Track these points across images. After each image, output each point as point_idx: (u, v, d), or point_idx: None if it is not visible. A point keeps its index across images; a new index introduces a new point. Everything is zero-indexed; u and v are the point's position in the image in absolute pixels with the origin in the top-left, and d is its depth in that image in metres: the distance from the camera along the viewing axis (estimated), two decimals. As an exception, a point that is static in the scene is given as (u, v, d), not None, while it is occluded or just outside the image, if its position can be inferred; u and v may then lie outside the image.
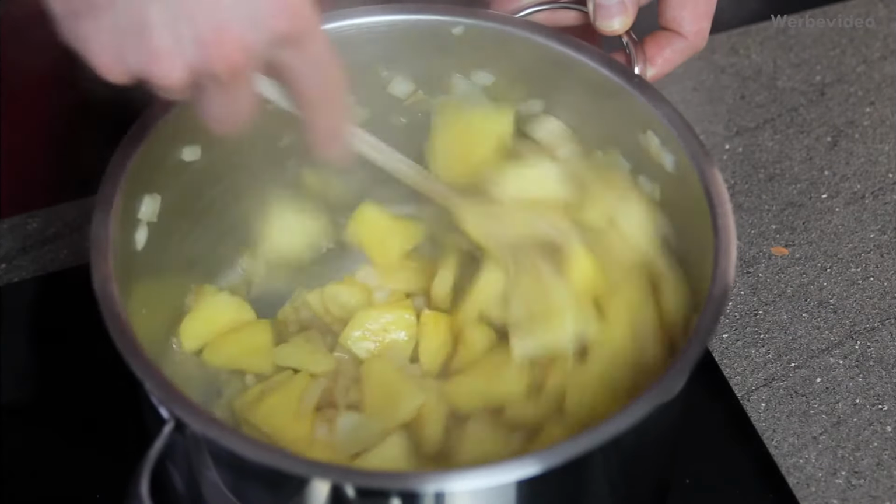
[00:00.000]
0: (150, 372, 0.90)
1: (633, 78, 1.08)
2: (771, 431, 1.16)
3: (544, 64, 1.10)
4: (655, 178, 1.09)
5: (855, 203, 1.33)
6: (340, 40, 1.11)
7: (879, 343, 1.22)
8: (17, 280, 1.27)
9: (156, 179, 1.05)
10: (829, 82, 1.43)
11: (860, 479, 1.13)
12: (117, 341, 0.92)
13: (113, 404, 1.15)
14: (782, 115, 1.40)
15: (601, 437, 0.88)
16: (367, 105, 1.16)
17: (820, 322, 1.24)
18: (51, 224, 1.31)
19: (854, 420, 1.17)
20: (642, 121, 1.07)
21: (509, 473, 0.87)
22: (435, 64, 1.13)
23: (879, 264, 1.28)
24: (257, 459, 0.87)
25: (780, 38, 1.47)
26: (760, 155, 1.37)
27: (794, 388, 1.19)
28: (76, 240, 1.30)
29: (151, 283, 1.06)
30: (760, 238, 1.30)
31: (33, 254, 1.29)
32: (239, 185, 1.15)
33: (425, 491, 0.87)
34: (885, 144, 1.37)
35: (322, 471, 0.88)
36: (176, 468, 0.94)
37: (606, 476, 0.96)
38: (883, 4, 1.50)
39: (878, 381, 1.19)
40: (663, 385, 0.91)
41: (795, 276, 1.27)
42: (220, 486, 0.92)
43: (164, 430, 0.89)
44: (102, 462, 1.14)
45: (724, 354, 1.22)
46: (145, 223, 1.05)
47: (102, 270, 0.96)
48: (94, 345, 0.97)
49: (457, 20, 1.11)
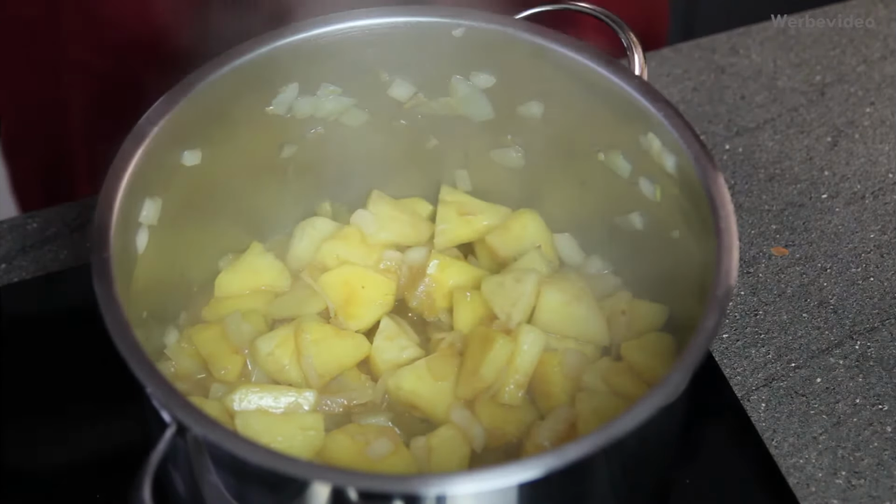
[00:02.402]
0: (151, 375, 0.90)
1: (633, 79, 1.08)
2: (771, 431, 1.17)
3: (544, 65, 1.10)
4: (656, 180, 1.09)
5: (855, 203, 1.33)
6: (341, 42, 1.11)
7: (879, 343, 1.22)
8: (17, 280, 1.27)
9: (157, 183, 1.05)
10: (829, 82, 1.43)
11: (860, 479, 1.14)
12: (119, 345, 0.92)
13: (113, 405, 1.15)
14: (782, 115, 1.40)
15: (603, 439, 0.88)
16: (368, 108, 1.16)
17: (820, 322, 1.24)
18: (51, 224, 1.31)
19: (854, 420, 1.17)
20: (643, 122, 1.07)
21: (511, 477, 0.87)
22: (435, 66, 1.13)
23: (879, 264, 1.28)
24: (259, 463, 0.87)
25: (780, 38, 1.47)
26: (760, 155, 1.37)
27: (794, 388, 1.19)
28: (76, 240, 1.29)
29: (152, 285, 1.06)
30: (760, 238, 1.30)
31: (33, 254, 1.29)
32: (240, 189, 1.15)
33: (427, 494, 0.87)
34: (885, 144, 1.37)
35: (323, 474, 0.88)
36: (177, 471, 0.94)
37: (608, 478, 0.96)
38: (883, 4, 1.50)
39: (878, 381, 1.20)
40: (666, 387, 0.91)
41: (795, 276, 1.27)
42: (221, 489, 0.92)
43: (165, 434, 0.89)
44: (102, 462, 1.14)
45: (724, 354, 1.22)
46: (146, 226, 1.05)
47: (103, 273, 0.96)
48: (95, 345, 0.97)
49: (457, 22, 1.11)
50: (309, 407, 1.08)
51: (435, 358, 1.11)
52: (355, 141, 1.18)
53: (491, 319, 1.13)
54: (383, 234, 1.18)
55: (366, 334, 1.14)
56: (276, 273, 1.17)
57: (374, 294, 1.15)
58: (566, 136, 1.14)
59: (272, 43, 1.09)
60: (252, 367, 1.11)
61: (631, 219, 1.14)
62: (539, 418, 1.08)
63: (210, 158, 1.10)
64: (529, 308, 1.12)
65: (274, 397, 1.07)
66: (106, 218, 0.99)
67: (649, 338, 1.11)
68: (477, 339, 1.11)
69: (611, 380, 1.08)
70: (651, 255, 1.13)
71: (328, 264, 1.17)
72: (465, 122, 1.17)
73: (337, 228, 1.18)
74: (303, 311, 1.14)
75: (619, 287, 1.17)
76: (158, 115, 1.04)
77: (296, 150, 1.17)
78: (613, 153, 1.12)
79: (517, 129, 1.17)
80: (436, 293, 1.16)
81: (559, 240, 1.20)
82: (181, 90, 1.05)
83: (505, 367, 1.08)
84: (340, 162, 1.20)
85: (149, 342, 1.07)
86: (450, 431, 1.07)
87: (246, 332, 1.11)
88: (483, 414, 1.08)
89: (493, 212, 1.20)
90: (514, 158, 1.19)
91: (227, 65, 1.07)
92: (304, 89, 1.13)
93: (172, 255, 1.10)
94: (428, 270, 1.16)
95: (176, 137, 1.06)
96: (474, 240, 1.20)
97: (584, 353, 1.11)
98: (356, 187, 1.21)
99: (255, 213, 1.18)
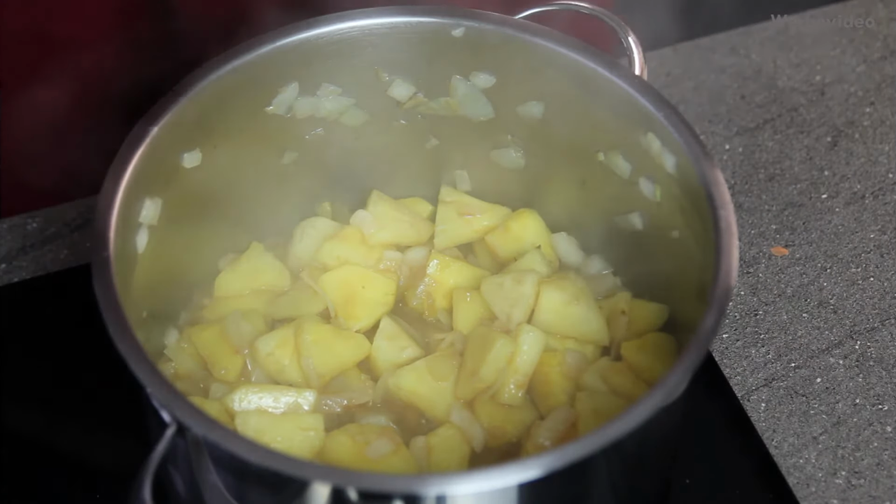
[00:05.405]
0: (151, 375, 0.90)
1: (633, 79, 1.08)
2: (771, 431, 1.17)
3: (544, 65, 1.10)
4: (656, 180, 1.09)
5: (855, 203, 1.33)
6: (341, 42, 1.11)
7: (879, 343, 1.22)
8: (17, 280, 1.27)
9: (157, 183, 1.05)
10: (829, 82, 1.43)
11: (860, 479, 1.14)
12: (119, 345, 0.91)
13: (113, 405, 1.14)
14: (782, 115, 1.40)
15: (603, 440, 0.88)
16: (368, 108, 1.16)
17: (820, 322, 1.24)
18: (51, 224, 1.31)
19: (854, 420, 1.17)
20: (643, 122, 1.07)
21: (511, 477, 0.87)
22: (435, 66, 1.13)
23: (879, 264, 1.28)
24: (259, 463, 0.87)
25: (780, 38, 1.47)
26: (760, 155, 1.37)
27: (794, 388, 1.19)
28: (76, 240, 1.30)
29: (152, 285, 1.06)
30: (760, 238, 1.30)
31: (33, 254, 1.29)
32: (240, 189, 1.15)
33: (427, 494, 0.87)
34: (885, 144, 1.37)
35: (323, 474, 0.88)
36: (178, 471, 0.94)
37: (608, 478, 0.96)
38: (883, 4, 1.50)
39: (878, 381, 1.20)
40: (665, 388, 0.91)
41: (795, 276, 1.27)
42: (221, 489, 0.92)
43: (165, 434, 0.89)
44: (103, 462, 1.14)
45: (724, 354, 1.22)
46: (146, 226, 1.05)
47: (103, 273, 0.96)
48: (95, 345, 0.97)
49: (457, 22, 1.11)
50: (309, 407, 1.08)
51: (435, 358, 1.11)
52: (355, 141, 1.18)
53: (491, 320, 1.13)
54: (383, 234, 1.18)
55: (366, 334, 1.14)
56: (276, 273, 1.17)
57: (374, 294, 1.15)
58: (566, 136, 1.14)
59: (272, 43, 1.09)
60: (252, 367, 1.11)
61: (631, 219, 1.14)
62: (539, 418, 1.08)
63: (210, 158, 1.10)
64: (529, 308, 1.12)
65: (274, 397, 1.07)
66: (106, 218, 0.99)
67: (649, 338, 1.11)
68: (477, 340, 1.11)
69: (611, 380, 1.08)
70: (651, 255, 1.13)
71: (328, 264, 1.17)
72: (465, 122, 1.17)
73: (337, 228, 1.18)
74: (303, 312, 1.14)
75: (619, 287, 1.17)
76: (158, 115, 1.04)
77: (296, 150, 1.17)
78: (613, 153, 1.12)
79: (517, 129, 1.17)
80: (436, 293, 1.16)
81: (559, 240, 1.20)
82: (181, 90, 1.05)
83: (505, 368, 1.08)
84: (340, 162, 1.20)
85: (149, 342, 1.07)
86: (450, 431, 1.07)
87: (246, 332, 1.11)
88: (483, 414, 1.08)
89: (493, 212, 1.20)
90: (514, 158, 1.19)
91: (227, 65, 1.07)
92: (304, 89, 1.13)
93: (172, 255, 1.10)
94: (428, 270, 1.16)
95: (176, 138, 1.06)
96: (474, 240, 1.21)
97: (583, 354, 1.11)
98: (356, 187, 1.21)
99: (255, 213, 1.18)
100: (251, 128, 1.12)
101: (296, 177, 1.18)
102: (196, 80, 1.06)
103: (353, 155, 1.19)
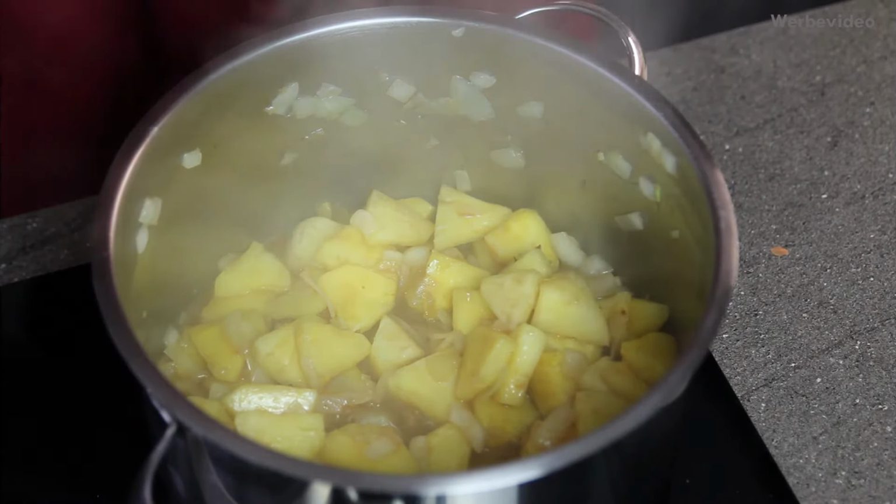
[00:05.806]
0: (151, 375, 0.90)
1: (633, 79, 1.08)
2: (771, 431, 1.17)
3: (544, 65, 1.10)
4: (656, 180, 1.09)
5: (855, 203, 1.33)
6: (341, 42, 1.11)
7: (879, 343, 1.22)
8: (17, 280, 1.27)
9: (156, 183, 1.05)
10: (829, 82, 1.43)
11: (860, 479, 1.14)
12: (118, 345, 0.92)
13: (114, 405, 1.14)
14: (782, 115, 1.40)
15: (603, 440, 0.88)
16: (368, 108, 1.16)
17: (820, 322, 1.24)
18: (51, 224, 1.31)
19: (854, 420, 1.17)
20: (643, 122, 1.07)
21: (511, 477, 0.87)
22: (435, 66, 1.13)
23: (879, 264, 1.28)
24: (259, 463, 0.87)
25: (780, 38, 1.47)
26: (760, 155, 1.37)
27: (794, 388, 1.19)
28: (76, 240, 1.30)
29: (152, 285, 1.06)
30: (760, 238, 1.30)
31: (33, 254, 1.29)
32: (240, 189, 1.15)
33: (427, 494, 0.87)
34: (885, 144, 1.37)
35: (323, 474, 0.88)
36: (178, 471, 0.94)
37: (608, 478, 0.96)
38: (883, 4, 1.50)
39: (878, 381, 1.20)
40: (665, 388, 0.91)
41: (795, 276, 1.27)
42: (221, 489, 0.92)
43: (166, 434, 0.89)
44: (103, 462, 1.14)
45: (724, 354, 1.22)
46: (146, 226, 1.05)
47: (103, 273, 0.96)
48: (95, 345, 0.97)
49: (457, 22, 1.11)
50: (309, 407, 1.08)
51: (435, 358, 1.11)
52: (355, 141, 1.18)
53: (491, 320, 1.13)
54: (383, 235, 1.18)
55: (366, 334, 1.14)
56: (276, 273, 1.17)
57: (375, 294, 1.15)
58: (566, 136, 1.14)
59: (272, 43, 1.09)
60: (252, 367, 1.11)
61: (631, 219, 1.14)
62: (539, 418, 1.08)
63: (210, 158, 1.10)
64: (529, 308, 1.12)
65: (274, 397, 1.07)
66: (106, 218, 0.99)
67: (649, 338, 1.11)
68: (477, 340, 1.11)
69: (610, 380, 1.08)
70: (651, 255, 1.13)
71: (328, 264, 1.17)
72: (465, 122, 1.17)
73: (337, 228, 1.18)
74: (303, 312, 1.14)
75: (619, 287, 1.17)
76: (158, 115, 1.04)
77: (296, 150, 1.17)
78: (613, 153, 1.12)
79: (517, 129, 1.17)
80: (436, 293, 1.16)
81: (559, 240, 1.20)
82: (181, 90, 1.05)
83: (505, 368, 1.08)
84: (340, 162, 1.20)
85: (149, 342, 1.07)
86: (450, 431, 1.07)
87: (246, 332, 1.11)
88: (483, 414, 1.08)
89: (493, 212, 1.20)
90: (514, 158, 1.19)
91: (227, 65, 1.07)
92: (304, 89, 1.13)
93: (172, 255, 1.10)
94: (428, 270, 1.16)
95: (176, 137, 1.06)
96: (474, 240, 1.21)
97: (583, 353, 1.11)
98: (356, 187, 1.21)
99: (255, 213, 1.18)
100: (251, 128, 1.12)
101: (296, 177, 1.18)
102: (196, 80, 1.06)
103: (353, 155, 1.19)
